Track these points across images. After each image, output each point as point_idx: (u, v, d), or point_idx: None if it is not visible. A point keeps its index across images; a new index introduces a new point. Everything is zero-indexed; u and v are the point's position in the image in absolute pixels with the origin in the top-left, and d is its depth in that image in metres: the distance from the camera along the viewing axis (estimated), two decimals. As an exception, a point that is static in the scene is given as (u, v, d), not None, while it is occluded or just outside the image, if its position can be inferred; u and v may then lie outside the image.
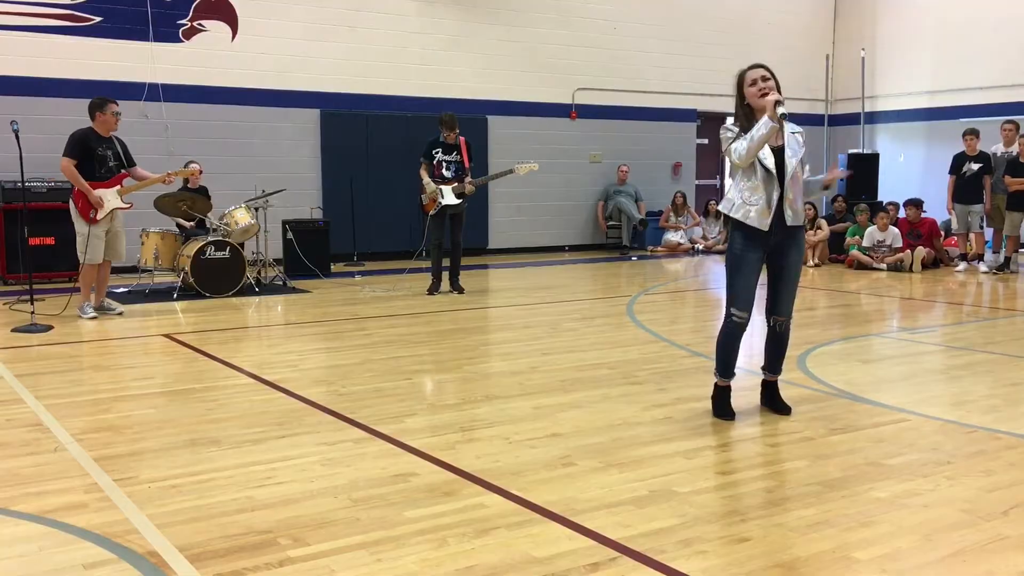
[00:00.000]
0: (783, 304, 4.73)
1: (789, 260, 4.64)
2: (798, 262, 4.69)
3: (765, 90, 4.49)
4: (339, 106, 12.83)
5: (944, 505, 3.50)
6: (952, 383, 5.68)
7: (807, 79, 16.70)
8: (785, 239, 4.57)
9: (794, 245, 4.63)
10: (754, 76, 4.56)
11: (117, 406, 5.11)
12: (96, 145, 7.95)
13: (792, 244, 4.61)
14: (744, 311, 4.64)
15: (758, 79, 4.54)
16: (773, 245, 4.57)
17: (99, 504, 3.54)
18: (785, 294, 4.71)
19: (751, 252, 4.57)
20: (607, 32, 14.81)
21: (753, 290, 4.64)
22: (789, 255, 4.63)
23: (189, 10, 11.83)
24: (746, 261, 4.58)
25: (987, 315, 8.58)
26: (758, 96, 4.50)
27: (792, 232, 4.58)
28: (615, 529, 3.25)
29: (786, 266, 4.65)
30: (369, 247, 12.81)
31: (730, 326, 4.70)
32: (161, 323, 7.99)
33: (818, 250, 12.53)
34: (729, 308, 4.67)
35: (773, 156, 4.49)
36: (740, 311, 4.63)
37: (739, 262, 4.60)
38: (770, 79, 4.54)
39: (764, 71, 4.58)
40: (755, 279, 4.64)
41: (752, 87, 4.54)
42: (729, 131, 4.61)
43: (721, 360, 4.79)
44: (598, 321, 8.16)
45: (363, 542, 3.16)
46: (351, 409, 4.95)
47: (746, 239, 4.56)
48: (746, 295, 4.62)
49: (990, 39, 14.47)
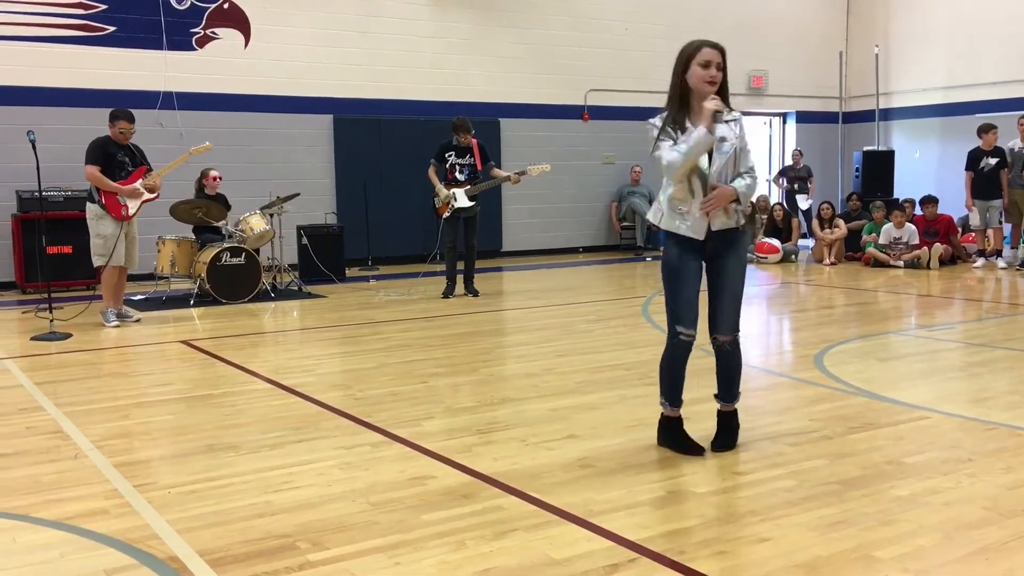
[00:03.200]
0: (723, 320, 4.11)
1: (727, 268, 4.05)
2: (736, 269, 4.08)
3: (714, 79, 3.89)
4: (352, 111, 12.86)
5: (965, 503, 3.48)
6: (971, 380, 5.64)
7: (821, 77, 16.61)
8: (720, 245, 4.02)
9: (730, 251, 4.05)
10: (707, 57, 3.90)
11: (136, 412, 5.14)
12: (115, 151, 8.15)
13: (728, 250, 4.04)
14: (690, 328, 4.05)
15: (713, 64, 3.90)
16: (710, 252, 4.03)
17: (120, 510, 3.56)
18: (726, 307, 4.09)
19: (687, 263, 4.00)
20: (619, 33, 14.80)
21: (696, 304, 4.06)
22: (727, 263, 4.05)
23: (202, 18, 11.89)
24: (684, 273, 4.00)
25: (1007, 311, 8.51)
26: (705, 82, 3.89)
27: (727, 237, 4.02)
28: (634, 530, 3.24)
29: (723, 276, 4.06)
30: (383, 251, 12.83)
31: (675, 346, 4.10)
32: (178, 330, 8.04)
33: (835, 248, 12.47)
34: (672, 326, 4.08)
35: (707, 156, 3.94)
36: (686, 328, 4.06)
37: (675, 275, 4.03)
38: (721, 69, 3.93)
39: (719, 56, 3.93)
40: (697, 291, 4.05)
41: (704, 69, 3.89)
42: (654, 127, 3.99)
43: (667, 386, 4.18)
44: (613, 322, 8.14)
45: (381, 545, 3.16)
46: (368, 413, 4.96)
47: (681, 248, 4.01)
48: (690, 310, 4.04)
49: (1003, 33, 14.37)
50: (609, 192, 15.05)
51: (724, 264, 4.06)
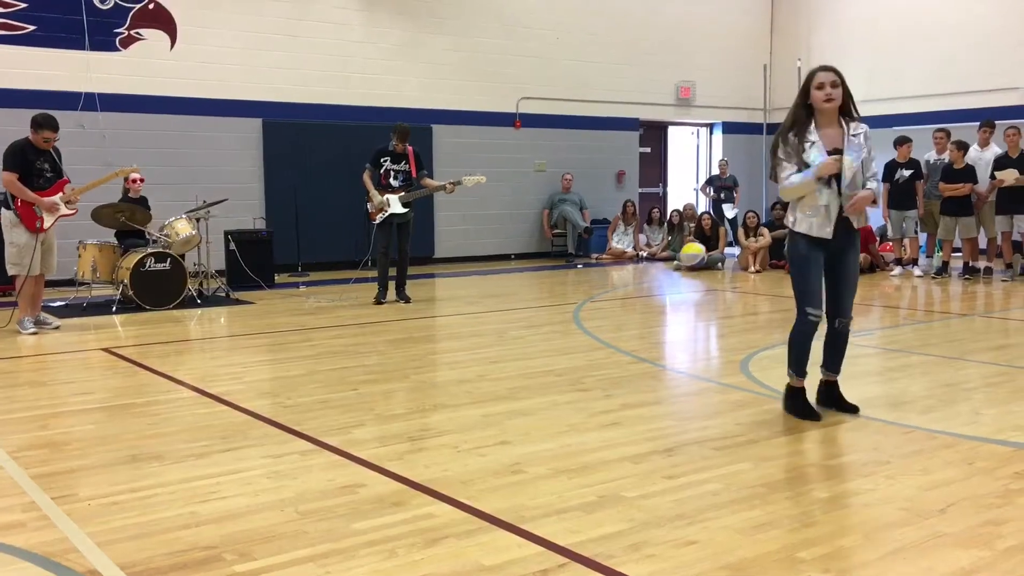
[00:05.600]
0: (844, 304, 4.82)
1: (847, 262, 4.75)
2: (855, 263, 4.80)
3: (830, 97, 4.54)
4: (282, 115, 12.70)
5: (884, 504, 3.59)
6: (889, 385, 5.82)
7: (746, 89, 17.00)
8: (844, 243, 4.69)
9: (851, 247, 4.73)
10: (823, 80, 4.57)
11: (55, 422, 4.98)
12: (35, 158, 7.83)
13: (849, 247, 4.72)
14: (818, 308, 4.76)
15: (827, 84, 4.55)
16: (833, 249, 4.69)
17: (37, 523, 3.45)
18: (846, 295, 4.80)
19: (814, 253, 4.70)
20: (550, 42, 14.91)
21: (820, 290, 4.78)
22: (847, 257, 4.74)
23: (127, 19, 11.62)
24: (812, 262, 4.71)
25: (922, 318, 8.81)
26: (822, 101, 4.56)
27: (850, 235, 4.70)
28: (564, 535, 3.27)
29: (845, 268, 4.76)
30: (314, 257, 12.69)
31: (804, 324, 4.79)
32: (100, 337, 7.82)
33: (759, 256, 12.74)
34: (804, 307, 4.77)
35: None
36: (815, 309, 4.75)
37: (805, 264, 4.73)
38: (839, 86, 4.57)
39: (835, 77, 4.57)
40: (821, 279, 4.77)
41: (819, 91, 4.57)
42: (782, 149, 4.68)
43: (795, 359, 4.85)
44: (545, 328, 8.19)
45: (311, 555, 3.12)
46: (297, 421, 4.90)
47: (809, 242, 4.70)
48: (817, 295, 4.77)
49: (921, 49, 14.92)
50: (541, 199, 15.14)
51: (845, 258, 4.73)
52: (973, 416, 4.94)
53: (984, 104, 13.82)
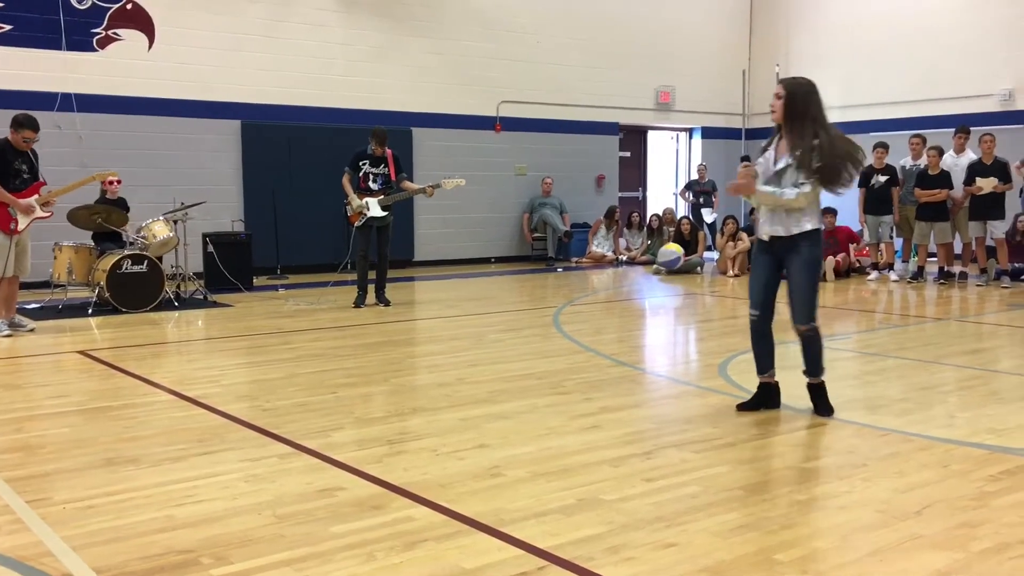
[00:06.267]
0: (794, 310, 4.95)
1: (791, 268, 4.90)
2: (798, 270, 4.88)
3: (772, 109, 4.85)
4: (261, 117, 12.65)
5: (860, 506, 3.61)
6: (866, 388, 5.87)
7: (725, 94, 17.11)
8: (787, 248, 4.88)
9: (794, 253, 4.86)
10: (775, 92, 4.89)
11: (30, 425, 4.93)
12: (13, 158, 7.77)
13: (792, 252, 4.86)
14: (755, 308, 5.01)
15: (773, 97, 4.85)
16: (779, 253, 4.92)
17: (11, 526, 3.41)
18: (795, 300, 4.93)
19: (761, 256, 5.02)
20: (530, 46, 14.94)
21: (761, 290, 4.99)
22: (791, 264, 4.89)
23: (104, 19, 11.53)
24: (756, 264, 5.05)
25: (898, 322, 8.89)
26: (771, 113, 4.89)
27: (792, 240, 4.84)
28: (543, 538, 3.27)
29: (790, 274, 4.92)
30: (293, 260, 12.64)
31: (750, 323, 5.09)
32: (76, 340, 7.75)
33: (738, 261, 12.81)
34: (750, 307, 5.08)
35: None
36: (752, 308, 5.03)
37: (753, 265, 5.08)
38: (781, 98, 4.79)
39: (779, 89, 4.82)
40: (763, 280, 4.98)
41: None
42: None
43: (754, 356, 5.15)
44: (525, 332, 8.19)
45: (288, 559, 3.11)
46: (275, 424, 4.87)
47: (759, 245, 5.06)
48: (755, 295, 5.02)
49: (899, 55, 15.07)
50: (521, 203, 15.15)
51: (790, 264, 4.91)
52: (948, 419, 4.98)
53: (960, 111, 13.98)
